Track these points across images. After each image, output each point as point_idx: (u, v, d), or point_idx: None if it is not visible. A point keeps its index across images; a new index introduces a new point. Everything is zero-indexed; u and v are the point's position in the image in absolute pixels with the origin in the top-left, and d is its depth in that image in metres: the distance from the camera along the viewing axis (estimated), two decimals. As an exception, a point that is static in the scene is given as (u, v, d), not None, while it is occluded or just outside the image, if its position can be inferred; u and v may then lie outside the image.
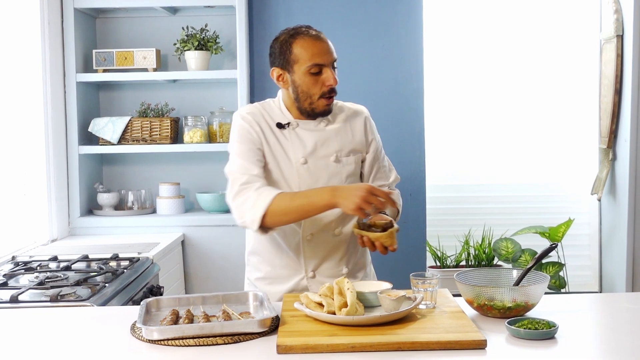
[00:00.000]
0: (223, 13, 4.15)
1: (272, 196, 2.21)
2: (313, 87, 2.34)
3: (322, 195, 2.21)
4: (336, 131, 2.45)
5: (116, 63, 4.03)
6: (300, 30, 2.36)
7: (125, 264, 3.06)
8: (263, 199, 2.22)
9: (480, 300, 2.06)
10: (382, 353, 1.76)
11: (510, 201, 4.52)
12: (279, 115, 2.43)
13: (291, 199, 2.23)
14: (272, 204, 2.21)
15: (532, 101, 4.49)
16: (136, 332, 1.93)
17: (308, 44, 2.32)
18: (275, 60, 2.39)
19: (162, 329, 1.85)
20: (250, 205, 2.24)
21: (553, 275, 4.13)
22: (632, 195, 3.97)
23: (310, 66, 2.31)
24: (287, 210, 2.22)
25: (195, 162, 4.26)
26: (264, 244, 2.48)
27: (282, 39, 2.37)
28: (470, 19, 4.46)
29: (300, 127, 2.42)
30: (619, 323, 2.14)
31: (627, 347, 1.84)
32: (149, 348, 1.84)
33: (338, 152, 2.43)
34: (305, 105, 2.37)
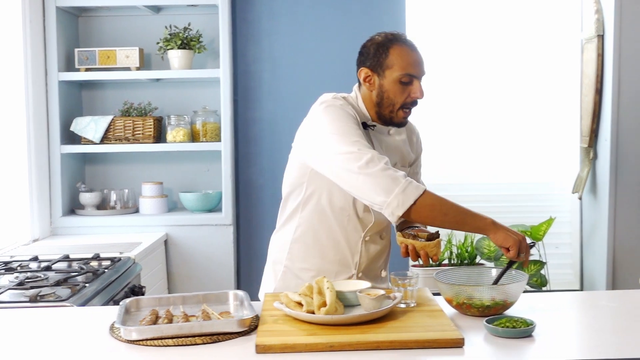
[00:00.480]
0: (206, 12, 4.15)
1: (423, 189, 2.16)
2: (399, 95, 2.32)
3: (484, 220, 2.17)
4: (401, 142, 2.48)
5: (99, 62, 4.02)
6: (400, 37, 2.34)
7: (106, 264, 3.05)
8: (413, 188, 2.14)
9: (459, 299, 2.07)
10: (360, 352, 1.77)
11: (492, 200, 4.54)
12: (360, 114, 2.40)
13: (449, 204, 2.18)
14: (423, 198, 2.14)
15: (514, 100, 4.51)
16: (115, 332, 1.92)
17: (406, 53, 2.31)
18: (366, 60, 2.36)
19: (140, 329, 1.85)
20: (400, 189, 2.13)
21: (534, 273, 4.16)
22: (612, 194, 4.00)
23: (403, 75, 2.30)
24: (443, 211, 2.17)
25: (178, 161, 4.25)
26: (320, 236, 2.43)
27: (380, 42, 2.34)
28: (452, 19, 4.47)
29: (376, 131, 2.42)
30: (597, 321, 2.16)
31: (604, 345, 1.86)
32: (128, 348, 1.84)
33: (400, 162, 2.47)
34: (386, 112, 2.36)
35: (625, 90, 3.96)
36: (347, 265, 2.44)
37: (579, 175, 4.30)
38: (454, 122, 4.53)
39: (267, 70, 4.17)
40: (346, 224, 2.40)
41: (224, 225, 4.02)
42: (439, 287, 2.13)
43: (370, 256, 2.46)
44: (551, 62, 4.47)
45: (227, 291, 2.21)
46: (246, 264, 4.21)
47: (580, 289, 4.47)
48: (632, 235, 4.02)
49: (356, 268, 2.44)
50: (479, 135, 4.51)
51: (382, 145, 2.41)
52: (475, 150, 4.50)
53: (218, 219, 4.03)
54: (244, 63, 4.16)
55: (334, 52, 4.14)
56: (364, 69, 2.36)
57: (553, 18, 4.46)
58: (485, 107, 4.51)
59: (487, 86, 4.50)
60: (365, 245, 2.44)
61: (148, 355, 1.78)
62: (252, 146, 4.18)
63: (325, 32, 4.15)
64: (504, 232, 2.15)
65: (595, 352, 1.81)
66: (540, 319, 2.01)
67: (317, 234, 2.44)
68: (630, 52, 3.93)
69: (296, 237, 2.47)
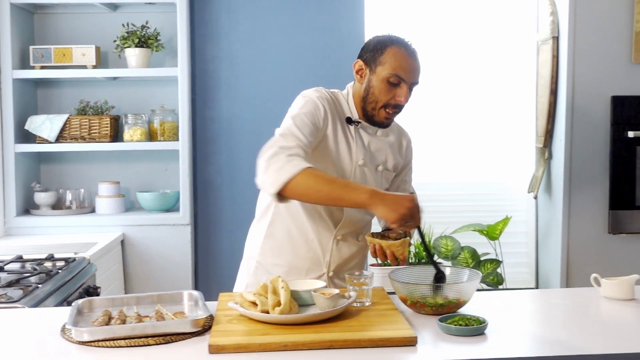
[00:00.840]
0: (164, 10, 4.12)
1: (303, 167, 2.12)
2: (384, 94, 2.34)
3: (360, 193, 2.13)
4: (389, 144, 2.48)
5: (54, 60, 3.96)
6: (402, 40, 2.37)
7: (60, 265, 3.01)
8: (293, 165, 2.12)
9: (413, 297, 2.09)
10: (314, 351, 1.78)
11: (449, 199, 4.58)
12: (346, 110, 2.42)
13: (325, 180, 2.15)
14: (299, 175, 2.11)
15: (470, 101, 4.54)
16: (66, 333, 1.90)
17: (401, 55, 2.33)
18: (364, 53, 2.39)
19: (92, 330, 1.83)
20: (277, 167, 2.13)
21: (491, 272, 4.20)
22: (566, 193, 4.07)
23: (392, 75, 2.31)
24: (316, 188, 2.12)
25: (135, 160, 4.21)
26: (292, 232, 2.43)
27: (382, 39, 2.37)
28: (410, 19, 4.50)
29: (362, 129, 2.43)
30: (549, 318, 2.20)
31: (555, 342, 1.89)
32: (79, 350, 1.81)
33: (385, 164, 2.47)
34: (369, 108, 2.37)
35: (579, 91, 4.02)
36: (318, 264, 2.45)
37: (535, 175, 4.36)
38: (412, 122, 4.54)
39: (225, 69, 4.15)
40: (318, 221, 2.41)
41: (181, 225, 4.00)
42: (394, 285, 2.14)
43: (343, 256, 2.46)
44: (508, 63, 4.52)
45: (182, 291, 2.20)
46: (204, 264, 4.18)
47: (536, 287, 4.53)
48: (585, 234, 4.08)
49: (327, 267, 2.45)
50: (435, 135, 4.54)
51: (366, 144, 2.42)
52: (432, 150, 4.52)
53: (176, 218, 4.00)
54: (202, 62, 4.14)
55: (293, 51, 4.15)
56: (359, 61, 2.40)
57: (510, 19, 4.51)
58: (442, 107, 4.54)
59: (444, 86, 4.53)
60: (337, 245, 2.44)
61: (99, 357, 1.76)
62: (210, 145, 4.16)
63: (283, 31, 4.15)
64: (384, 206, 2.10)
65: (545, 349, 1.84)
66: (494, 317, 2.04)
67: (289, 230, 2.44)
68: (584, 54, 4.00)
69: (269, 233, 2.47)
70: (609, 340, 1.90)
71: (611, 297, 2.29)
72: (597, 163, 4.06)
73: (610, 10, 3.99)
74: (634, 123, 4.01)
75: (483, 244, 4.38)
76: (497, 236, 4.30)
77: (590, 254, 4.09)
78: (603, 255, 4.09)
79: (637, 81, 4.02)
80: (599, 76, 4.01)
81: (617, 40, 4.00)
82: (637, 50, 3.98)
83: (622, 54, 4.01)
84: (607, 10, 3.99)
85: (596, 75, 4.01)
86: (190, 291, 2.18)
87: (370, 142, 2.44)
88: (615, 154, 4.02)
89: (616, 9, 3.99)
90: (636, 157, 4.03)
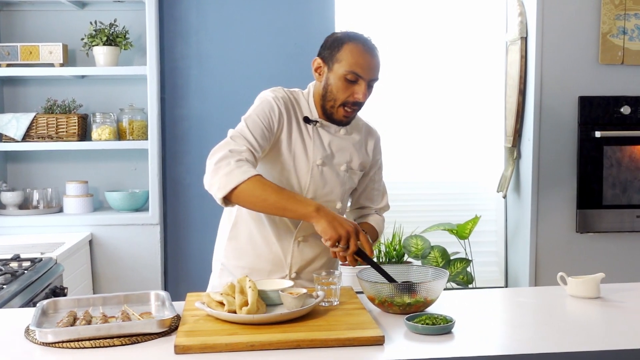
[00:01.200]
0: (133, 8, 4.09)
1: (251, 174, 2.13)
2: (342, 92, 2.32)
3: (307, 205, 2.14)
4: (352, 142, 2.46)
5: (21, 57, 3.91)
6: (359, 37, 2.34)
7: (26, 265, 2.97)
8: (242, 172, 2.13)
9: (381, 297, 2.09)
10: (281, 351, 1.77)
11: (419, 199, 4.59)
12: (305, 109, 2.41)
13: (272, 190, 2.14)
14: (247, 183, 2.12)
15: (440, 100, 4.56)
16: (30, 334, 1.88)
17: (358, 52, 2.30)
18: (322, 51, 2.37)
19: (56, 331, 1.81)
20: (225, 172, 2.14)
21: (460, 271, 4.23)
22: (535, 193, 4.10)
23: (349, 72, 2.29)
24: (262, 197, 2.13)
25: (104, 159, 4.17)
26: (253, 233, 2.42)
27: (339, 36, 2.35)
28: (381, 18, 4.50)
29: (322, 128, 2.41)
30: (515, 317, 2.21)
31: (521, 341, 1.90)
32: (43, 351, 1.79)
33: (349, 163, 2.45)
34: (328, 106, 2.36)
35: (547, 91, 4.06)
36: (280, 265, 2.44)
37: (504, 174, 4.39)
38: (381, 121, 4.56)
39: (194, 68, 4.13)
40: (278, 222, 2.40)
41: (150, 224, 3.97)
42: (362, 285, 2.14)
43: (305, 257, 2.44)
44: (477, 63, 4.55)
45: (149, 291, 2.18)
46: (174, 264, 4.16)
47: (506, 285, 4.56)
48: (553, 233, 4.12)
49: (289, 268, 2.44)
50: (405, 134, 4.55)
51: (326, 143, 2.41)
52: (402, 149, 4.54)
53: (145, 218, 3.97)
54: (171, 60, 4.11)
55: (262, 49, 4.13)
56: (317, 59, 2.39)
57: (479, 20, 4.53)
58: (412, 106, 4.55)
59: (413, 86, 4.54)
60: (299, 246, 2.43)
61: (64, 358, 1.74)
62: (179, 144, 4.13)
63: (253, 30, 4.13)
64: (327, 222, 2.11)
65: (511, 347, 1.85)
66: (461, 316, 2.05)
67: (251, 232, 2.43)
68: (552, 54, 4.04)
69: (232, 235, 2.47)
70: (573, 338, 1.91)
71: (577, 295, 2.31)
72: (565, 163, 4.10)
73: (577, 11, 4.03)
74: (601, 123, 4.06)
75: (453, 243, 4.40)
76: (467, 235, 4.33)
77: (558, 252, 4.13)
78: (571, 254, 4.14)
79: (604, 82, 4.07)
80: (567, 76, 4.05)
81: (584, 41, 4.05)
82: (604, 52, 4.03)
83: (590, 54, 4.06)
84: (574, 11, 4.03)
85: (564, 76, 4.05)
86: (157, 291, 2.17)
87: (331, 142, 2.42)
88: (582, 153, 4.06)
89: (584, 10, 4.03)
90: (603, 157, 4.08)
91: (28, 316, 2.05)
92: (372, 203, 2.60)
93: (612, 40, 4.03)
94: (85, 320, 1.92)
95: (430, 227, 4.37)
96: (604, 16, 4.01)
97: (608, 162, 4.08)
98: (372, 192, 2.60)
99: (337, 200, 2.45)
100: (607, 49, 4.03)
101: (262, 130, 2.28)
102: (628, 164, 4.09)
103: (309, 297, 2.06)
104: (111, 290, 3.85)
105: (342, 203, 2.48)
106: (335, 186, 2.42)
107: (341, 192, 2.45)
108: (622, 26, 4.03)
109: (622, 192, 4.10)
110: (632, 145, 4.08)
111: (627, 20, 4.03)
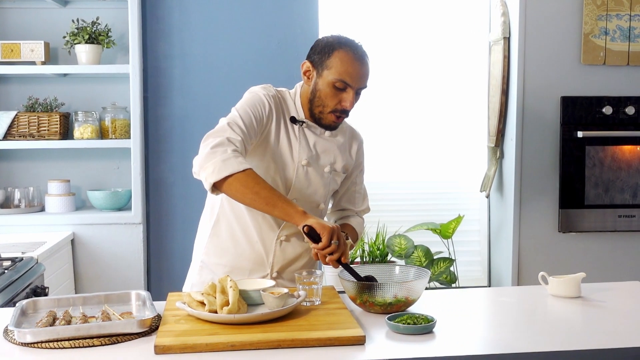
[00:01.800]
0: (115, 6, 4.06)
1: (246, 166, 2.12)
2: (330, 99, 2.32)
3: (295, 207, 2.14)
4: (337, 144, 2.46)
5: (2, 55, 3.88)
6: (351, 43, 2.33)
7: (7, 264, 2.94)
8: (238, 163, 2.12)
9: (363, 297, 2.09)
10: (261, 351, 1.77)
11: (403, 198, 4.60)
12: (292, 109, 2.40)
13: (265, 186, 2.14)
14: (242, 173, 2.11)
15: (423, 100, 4.57)
16: (9, 335, 1.86)
17: (349, 60, 2.29)
18: (312, 54, 2.36)
19: (35, 331, 1.80)
20: (221, 159, 2.12)
21: (444, 270, 4.23)
22: (517, 192, 4.12)
23: (338, 80, 2.29)
24: (255, 190, 2.12)
25: (86, 158, 4.15)
26: (235, 231, 2.41)
27: (329, 41, 2.33)
28: (363, 20, 4.51)
29: (308, 129, 2.40)
30: (496, 316, 2.22)
31: (501, 340, 1.91)
32: (22, 351, 1.78)
33: (333, 165, 2.44)
34: (316, 111, 2.36)
35: (529, 91, 4.07)
36: (261, 264, 2.43)
37: (487, 174, 4.40)
38: (364, 121, 4.56)
39: (177, 67, 4.11)
40: (261, 221, 2.40)
41: (133, 224, 3.95)
42: (343, 285, 2.14)
43: (287, 257, 2.44)
44: (460, 63, 4.56)
45: (129, 291, 2.17)
46: (156, 264, 4.14)
47: (489, 285, 4.58)
48: (536, 233, 4.14)
49: (270, 267, 2.43)
50: (388, 134, 4.55)
51: (312, 144, 2.40)
52: (385, 149, 4.54)
53: (127, 217, 3.95)
54: (154, 59, 4.09)
55: (246, 48, 4.12)
56: (306, 62, 2.38)
57: (462, 20, 4.54)
58: (395, 106, 4.55)
59: (397, 86, 4.55)
60: (281, 245, 2.42)
61: (43, 358, 1.73)
62: (162, 143, 4.12)
63: (237, 29, 4.12)
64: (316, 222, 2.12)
65: (491, 347, 1.86)
66: (443, 315, 2.06)
67: (232, 230, 2.43)
68: (534, 54, 4.05)
69: (213, 232, 2.46)
70: (553, 337, 1.92)
71: (558, 295, 2.32)
72: (547, 162, 4.12)
73: (560, 11, 4.05)
74: (583, 123, 4.08)
75: (436, 242, 4.41)
76: (450, 235, 4.34)
77: (540, 252, 4.15)
78: (553, 254, 4.16)
79: (586, 82, 4.09)
80: (549, 77, 4.07)
81: (566, 42, 4.07)
82: (586, 52, 4.05)
83: (572, 55, 4.08)
84: (557, 11, 4.05)
85: (546, 76, 4.07)
86: (138, 291, 2.16)
87: (316, 143, 2.42)
88: (565, 153, 4.08)
89: (566, 10, 4.05)
90: (586, 157, 4.10)
91: (7, 316, 2.04)
92: (353, 205, 2.61)
93: (594, 40, 4.05)
94: (65, 320, 1.91)
95: (414, 227, 4.38)
96: (586, 17, 4.03)
97: (590, 162, 4.10)
98: (354, 195, 2.60)
99: (321, 201, 2.45)
100: (589, 49, 4.05)
101: (252, 123, 2.28)
102: (610, 164, 4.12)
103: (290, 296, 2.06)
104: (93, 290, 3.82)
105: (324, 204, 2.49)
106: (319, 187, 2.42)
107: (324, 193, 2.45)
108: (604, 27, 4.05)
109: (605, 192, 4.13)
110: (614, 145, 4.10)
111: (609, 21, 4.05)
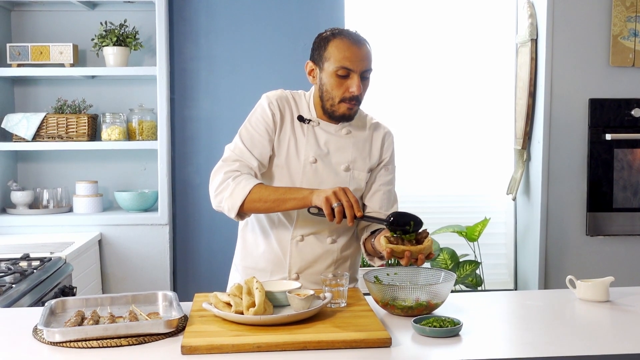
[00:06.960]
0: (143, 9, 4.10)
1: (251, 186, 2.25)
2: (336, 89, 2.32)
3: (303, 190, 2.24)
4: (355, 142, 2.43)
5: (31, 58, 3.93)
6: (343, 31, 2.34)
7: (35, 264, 2.98)
8: (241, 188, 2.26)
9: (385, 299, 2.08)
10: (287, 352, 1.77)
11: (429, 201, 4.58)
12: (304, 109, 2.42)
13: (271, 190, 2.28)
14: (250, 195, 2.25)
15: (450, 102, 4.55)
16: (38, 334, 1.88)
17: (344, 46, 2.30)
18: (312, 53, 2.38)
19: (64, 330, 1.82)
20: (228, 194, 2.27)
21: (470, 273, 4.21)
22: (544, 195, 4.08)
23: (339, 68, 2.29)
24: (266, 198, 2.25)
25: (113, 160, 4.18)
26: (257, 233, 2.47)
27: (324, 35, 2.36)
28: (390, 22, 4.50)
29: (320, 127, 2.41)
30: (523, 320, 2.20)
31: (528, 344, 1.89)
32: (51, 350, 1.80)
33: (351, 163, 2.42)
34: (327, 106, 2.36)
35: (557, 93, 4.04)
36: (280, 265, 2.44)
37: (513, 176, 4.37)
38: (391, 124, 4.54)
39: (204, 69, 4.13)
40: (276, 222, 2.42)
41: (159, 225, 3.98)
42: (368, 286, 2.14)
43: (306, 258, 2.43)
44: (487, 65, 4.53)
45: (156, 292, 2.18)
46: (182, 264, 4.16)
47: (515, 288, 4.54)
48: (563, 236, 4.11)
49: (289, 269, 2.43)
50: (415, 137, 4.54)
51: (322, 142, 2.39)
52: (412, 152, 4.53)
53: (154, 218, 3.98)
54: (181, 61, 4.11)
55: (272, 50, 4.13)
56: (309, 62, 2.39)
57: (489, 22, 4.52)
58: (421, 109, 4.54)
59: (424, 88, 4.54)
60: (297, 246, 2.42)
61: (71, 358, 1.75)
62: (188, 145, 4.14)
63: (263, 30, 4.13)
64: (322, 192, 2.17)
65: (518, 351, 1.85)
66: (469, 318, 2.05)
67: (255, 232, 2.47)
68: (561, 56, 4.02)
69: (241, 235, 2.52)
70: (581, 342, 1.90)
71: (586, 299, 2.30)
72: (575, 165, 4.08)
73: (588, 13, 4.01)
74: (611, 126, 4.04)
75: (462, 245, 4.39)
76: (476, 237, 4.31)
77: (568, 255, 4.12)
78: (581, 257, 4.12)
79: (614, 84, 4.04)
80: (577, 79, 4.04)
81: (595, 44, 4.03)
82: (614, 54, 4.01)
83: (600, 57, 4.04)
84: (585, 13, 4.01)
85: (574, 78, 4.03)
86: (164, 292, 2.17)
87: (328, 141, 2.40)
88: (593, 156, 4.04)
89: (594, 12, 4.01)
90: (614, 160, 4.06)
91: (37, 315, 2.06)
92: (379, 208, 2.46)
93: (622, 42, 4.01)
94: (93, 320, 1.92)
95: (440, 229, 4.36)
96: (614, 18, 3.99)
97: (619, 164, 4.06)
98: (381, 195, 2.47)
99: None
100: (617, 51, 4.01)
101: (259, 142, 2.36)
102: (639, 167, 4.07)
103: (316, 298, 2.06)
104: (120, 290, 3.86)
105: None
106: (332, 185, 2.36)
107: None
108: (633, 28, 4.00)
109: (633, 195, 4.08)
110: (643, 148, 4.06)
111: (638, 22, 4.00)
